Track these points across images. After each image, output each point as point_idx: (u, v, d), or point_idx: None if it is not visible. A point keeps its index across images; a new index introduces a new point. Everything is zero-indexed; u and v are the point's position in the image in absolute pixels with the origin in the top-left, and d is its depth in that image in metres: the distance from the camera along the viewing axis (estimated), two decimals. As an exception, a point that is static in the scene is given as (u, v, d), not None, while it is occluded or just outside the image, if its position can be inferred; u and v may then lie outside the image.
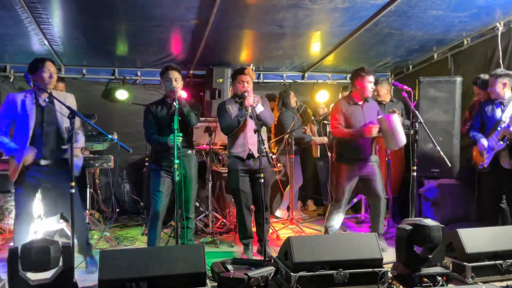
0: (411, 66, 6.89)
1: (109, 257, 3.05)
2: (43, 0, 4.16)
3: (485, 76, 4.78)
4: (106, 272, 2.94)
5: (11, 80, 6.27)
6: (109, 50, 5.93)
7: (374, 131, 4.26)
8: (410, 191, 4.23)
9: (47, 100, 3.81)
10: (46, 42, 5.28)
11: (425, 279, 3.28)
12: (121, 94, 6.62)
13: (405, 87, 4.30)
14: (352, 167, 4.49)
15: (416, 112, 4.21)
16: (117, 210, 5.85)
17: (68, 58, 6.17)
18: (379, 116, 4.44)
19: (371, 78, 4.48)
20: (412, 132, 4.23)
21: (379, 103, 5.38)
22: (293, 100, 6.36)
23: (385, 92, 5.68)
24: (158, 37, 5.34)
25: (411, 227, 3.40)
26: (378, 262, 3.37)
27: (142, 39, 5.47)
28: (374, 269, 3.30)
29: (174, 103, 3.83)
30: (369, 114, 4.51)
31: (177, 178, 3.72)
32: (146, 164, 5.99)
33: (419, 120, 4.15)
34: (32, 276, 2.97)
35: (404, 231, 3.42)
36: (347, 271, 3.25)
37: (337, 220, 4.62)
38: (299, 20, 4.81)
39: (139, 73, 6.75)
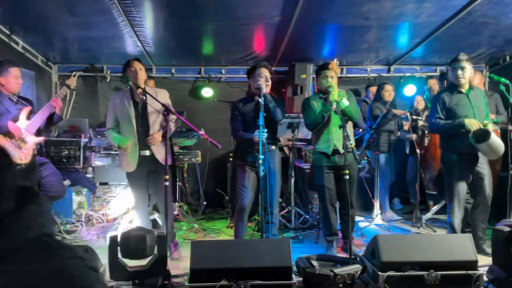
0: (508, 57, 6.38)
1: (200, 248, 3.17)
2: (138, 4, 4.40)
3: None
4: (196, 261, 3.06)
5: (108, 80, 6.72)
6: (196, 49, 6.14)
7: (476, 124, 3.95)
8: (508, 191, 3.96)
9: (140, 96, 4.13)
10: (139, 43, 5.58)
11: (526, 285, 3.06)
12: (207, 92, 6.84)
13: (503, 79, 4.01)
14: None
15: (515, 106, 3.91)
16: (205, 203, 6.08)
17: (158, 59, 6.49)
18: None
19: (455, 65, 4.20)
20: (510, 128, 3.94)
21: None
22: (386, 94, 6.09)
23: (477, 83, 5.31)
24: (242, 35, 5.44)
25: (510, 229, 3.18)
26: (473, 265, 3.19)
27: (227, 38, 5.60)
28: (468, 272, 3.13)
29: (260, 99, 3.90)
30: (477, 103, 4.17)
31: (261, 173, 3.79)
32: (230, 159, 6.15)
33: (518, 115, 3.85)
34: (130, 262, 3.19)
35: (501, 232, 3.21)
36: (439, 272, 3.12)
37: None
38: (387, 11, 4.65)
39: (223, 71, 6.93)
